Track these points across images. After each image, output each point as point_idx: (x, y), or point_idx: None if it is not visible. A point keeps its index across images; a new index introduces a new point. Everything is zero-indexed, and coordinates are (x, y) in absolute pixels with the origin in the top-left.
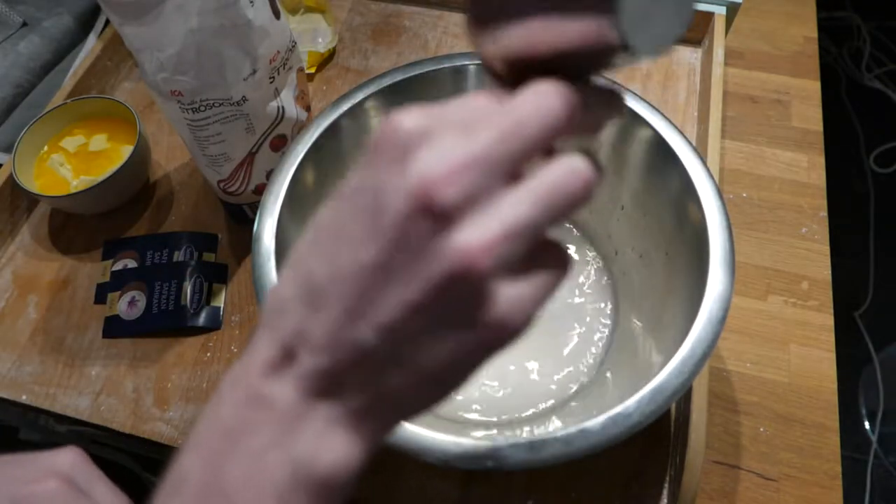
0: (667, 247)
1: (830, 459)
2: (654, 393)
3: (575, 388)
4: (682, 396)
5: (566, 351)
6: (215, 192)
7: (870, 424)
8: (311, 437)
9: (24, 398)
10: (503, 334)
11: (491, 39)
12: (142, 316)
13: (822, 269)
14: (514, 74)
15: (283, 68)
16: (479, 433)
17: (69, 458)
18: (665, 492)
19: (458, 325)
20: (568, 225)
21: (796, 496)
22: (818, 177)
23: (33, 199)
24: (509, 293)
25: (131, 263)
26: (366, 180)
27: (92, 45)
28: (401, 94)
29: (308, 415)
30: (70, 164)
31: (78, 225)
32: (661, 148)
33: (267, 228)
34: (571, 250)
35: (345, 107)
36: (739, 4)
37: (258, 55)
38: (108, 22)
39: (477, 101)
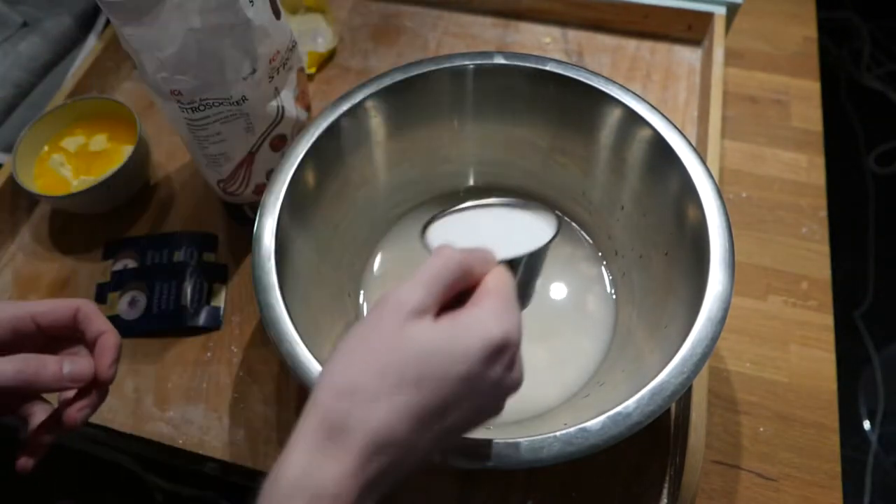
0: (667, 247)
1: (830, 459)
2: (653, 393)
3: (575, 388)
4: (682, 396)
5: (566, 351)
6: (215, 193)
7: (870, 424)
8: None
9: None
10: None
11: None
12: (142, 316)
13: (821, 269)
14: None
15: (283, 68)
16: (479, 433)
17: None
18: (665, 492)
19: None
20: (568, 222)
21: (796, 496)
22: (818, 177)
23: (34, 200)
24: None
25: (131, 264)
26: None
27: (92, 45)
28: (401, 94)
29: None
30: (70, 164)
31: (78, 225)
32: (661, 148)
33: (267, 228)
34: (571, 250)
35: (345, 107)
36: (739, 4)
37: (258, 55)
38: (108, 22)
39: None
